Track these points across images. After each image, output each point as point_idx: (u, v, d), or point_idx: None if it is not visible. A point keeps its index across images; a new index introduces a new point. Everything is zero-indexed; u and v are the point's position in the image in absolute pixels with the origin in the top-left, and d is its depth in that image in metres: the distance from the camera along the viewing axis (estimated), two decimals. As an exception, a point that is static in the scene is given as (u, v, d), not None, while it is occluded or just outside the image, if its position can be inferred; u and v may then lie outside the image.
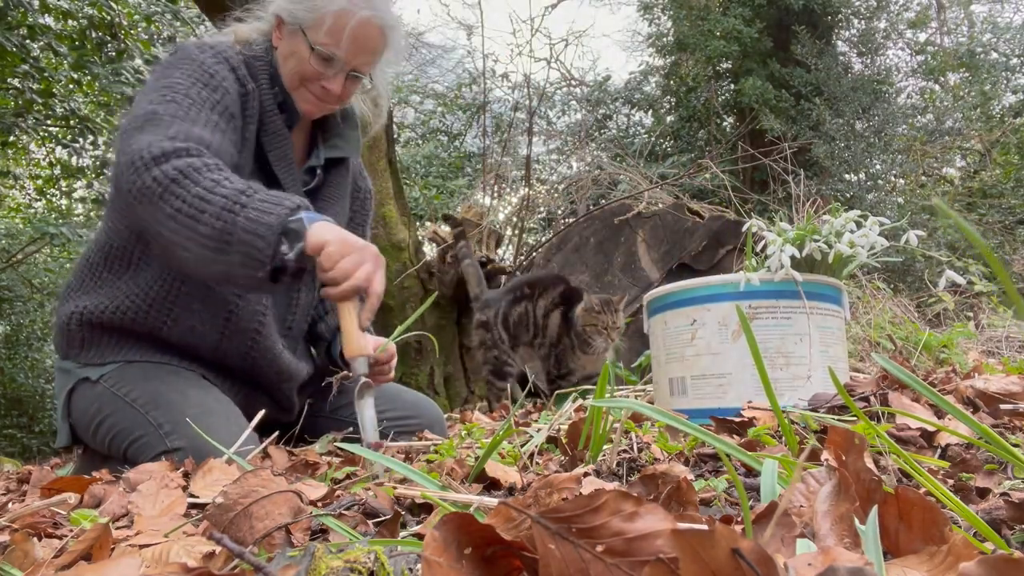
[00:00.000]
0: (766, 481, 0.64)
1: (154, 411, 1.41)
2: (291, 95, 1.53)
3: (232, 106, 1.40)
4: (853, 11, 7.80)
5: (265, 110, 1.50)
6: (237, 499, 0.67)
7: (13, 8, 5.00)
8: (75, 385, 1.53)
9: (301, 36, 1.48)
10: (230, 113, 1.40)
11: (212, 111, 1.36)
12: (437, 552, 0.48)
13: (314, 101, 1.53)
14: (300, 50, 1.49)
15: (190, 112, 1.32)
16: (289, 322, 1.64)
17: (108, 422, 1.46)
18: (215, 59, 1.43)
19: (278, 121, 1.51)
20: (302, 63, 1.49)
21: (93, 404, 1.49)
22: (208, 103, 1.36)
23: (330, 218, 1.27)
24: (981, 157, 7.42)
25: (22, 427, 8.21)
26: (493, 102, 8.84)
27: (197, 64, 1.40)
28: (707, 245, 3.26)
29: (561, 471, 0.98)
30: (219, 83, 1.40)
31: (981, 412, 1.11)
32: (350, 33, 1.45)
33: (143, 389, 1.44)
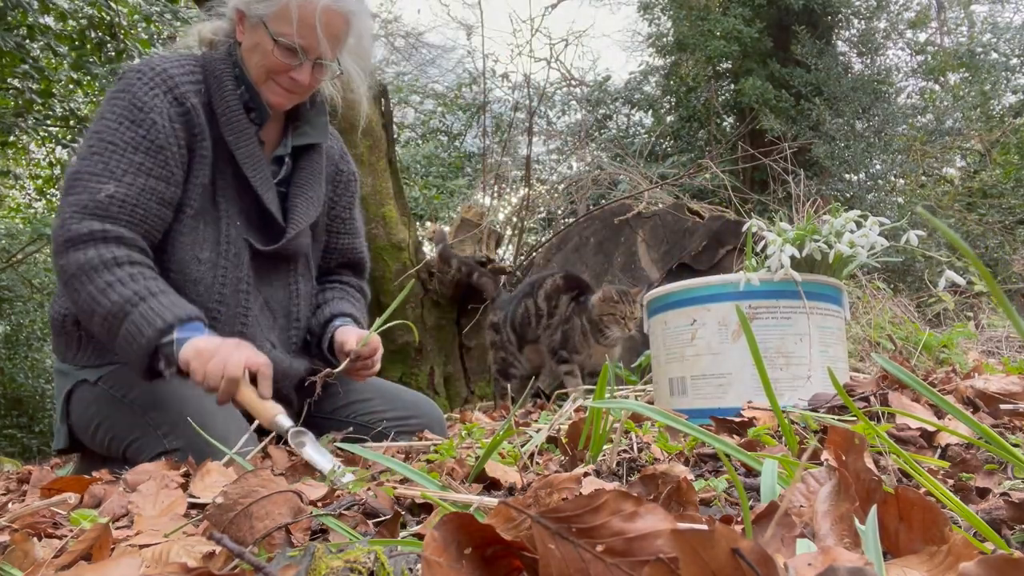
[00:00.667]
0: (766, 481, 0.64)
1: (151, 412, 1.41)
2: (259, 90, 1.53)
3: (161, 137, 1.43)
4: (853, 11, 7.80)
5: (229, 110, 1.51)
6: (237, 499, 0.67)
7: (12, 8, 5.00)
8: (73, 387, 1.53)
9: (263, 29, 1.48)
10: (157, 146, 1.43)
11: (135, 151, 1.41)
12: (437, 552, 0.48)
13: (283, 93, 1.54)
14: (263, 43, 1.49)
15: (109, 163, 1.40)
16: (295, 313, 1.66)
17: (106, 423, 1.46)
18: (148, 86, 1.45)
19: (242, 121, 1.52)
20: (267, 56, 1.49)
21: (91, 406, 1.49)
22: (132, 144, 1.41)
23: (202, 333, 1.34)
24: (981, 157, 7.42)
25: (22, 427, 8.20)
26: (493, 102, 8.84)
27: (128, 99, 1.44)
28: (707, 245, 3.26)
29: (561, 471, 0.98)
30: (147, 115, 1.43)
31: (981, 412, 1.11)
32: (312, 22, 1.46)
33: (141, 390, 1.44)
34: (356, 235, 1.84)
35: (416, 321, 3.31)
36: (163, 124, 1.44)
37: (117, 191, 1.38)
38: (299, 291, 1.67)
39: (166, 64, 1.50)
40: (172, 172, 1.45)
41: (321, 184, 1.70)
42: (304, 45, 1.48)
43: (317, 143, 1.67)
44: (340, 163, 1.80)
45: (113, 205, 1.38)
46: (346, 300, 1.77)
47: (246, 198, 1.56)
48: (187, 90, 1.49)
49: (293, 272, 1.67)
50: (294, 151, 1.65)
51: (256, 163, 1.55)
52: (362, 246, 1.86)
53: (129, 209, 1.40)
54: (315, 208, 1.67)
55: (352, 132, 3.26)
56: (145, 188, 1.41)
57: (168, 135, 1.44)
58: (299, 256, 1.67)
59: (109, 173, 1.39)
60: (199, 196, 1.50)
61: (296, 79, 1.51)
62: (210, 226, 1.52)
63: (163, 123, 1.44)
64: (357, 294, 1.84)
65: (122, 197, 1.39)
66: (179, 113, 1.46)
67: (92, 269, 1.34)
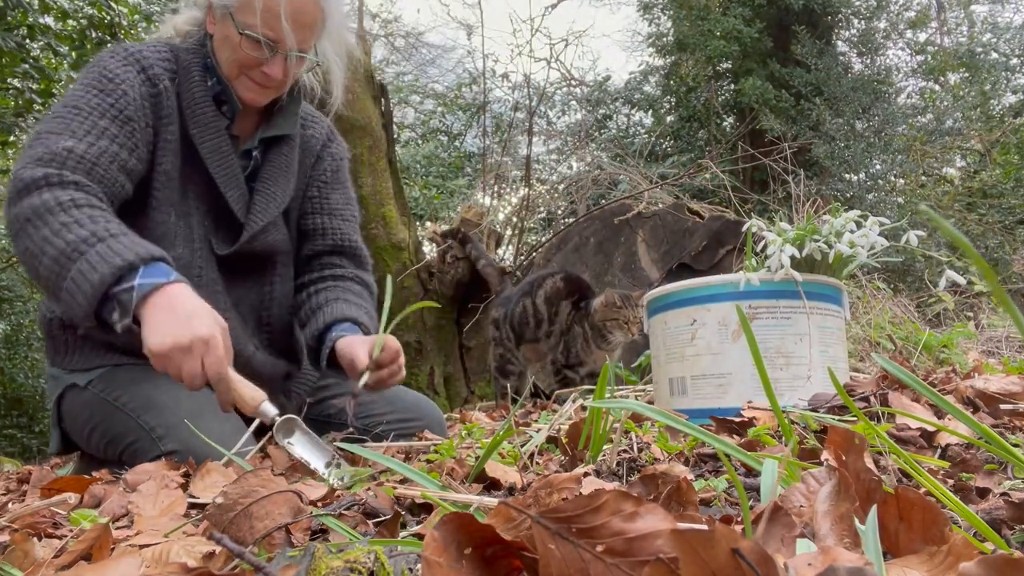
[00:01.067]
0: (766, 481, 0.64)
1: (145, 415, 1.37)
2: (232, 85, 1.46)
3: (130, 108, 1.36)
4: (853, 11, 7.80)
5: (195, 103, 1.45)
6: (237, 499, 0.67)
7: (13, 8, 5.00)
8: (64, 391, 1.51)
9: (230, 20, 1.41)
10: (125, 116, 1.36)
11: (102, 117, 1.34)
12: (437, 552, 0.48)
13: (256, 89, 1.46)
14: (231, 36, 1.42)
15: (71, 123, 1.31)
16: (266, 318, 1.60)
17: (101, 428, 1.44)
18: (121, 62, 1.40)
19: (208, 113, 1.45)
20: (235, 50, 1.42)
21: (84, 411, 1.47)
22: (98, 110, 1.34)
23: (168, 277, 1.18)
24: (981, 157, 7.42)
25: (22, 427, 8.20)
26: (493, 102, 8.84)
27: (99, 70, 1.38)
28: (707, 245, 3.26)
29: (561, 471, 0.98)
30: (117, 86, 1.36)
31: (981, 412, 1.11)
32: (277, 11, 1.37)
33: (132, 393, 1.41)
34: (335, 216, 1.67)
35: (416, 321, 3.31)
36: (133, 96, 1.37)
37: (76, 147, 1.29)
38: (273, 293, 1.60)
39: (140, 47, 1.45)
40: (136, 145, 1.37)
41: (289, 178, 1.60)
42: (272, 37, 1.40)
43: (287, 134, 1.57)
44: (322, 150, 1.69)
45: (71, 158, 1.28)
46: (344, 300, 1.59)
47: (214, 195, 1.49)
48: (160, 72, 1.43)
49: (270, 272, 1.59)
50: (265, 143, 1.57)
51: (222, 158, 1.47)
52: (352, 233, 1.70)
53: (87, 166, 1.29)
54: (277, 205, 1.56)
55: (352, 132, 3.26)
56: (106, 151, 1.32)
57: (137, 108, 1.37)
58: (275, 255, 1.59)
59: (70, 132, 1.31)
60: (163, 185, 1.43)
61: (268, 74, 1.43)
62: (182, 221, 1.46)
63: (133, 95, 1.37)
64: (356, 286, 1.67)
65: (81, 152, 1.29)
66: (150, 93, 1.41)
67: (47, 211, 1.21)
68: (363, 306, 1.60)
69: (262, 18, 1.37)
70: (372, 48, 6.63)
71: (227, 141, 1.49)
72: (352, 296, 1.62)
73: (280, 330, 1.63)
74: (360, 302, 1.61)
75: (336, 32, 1.51)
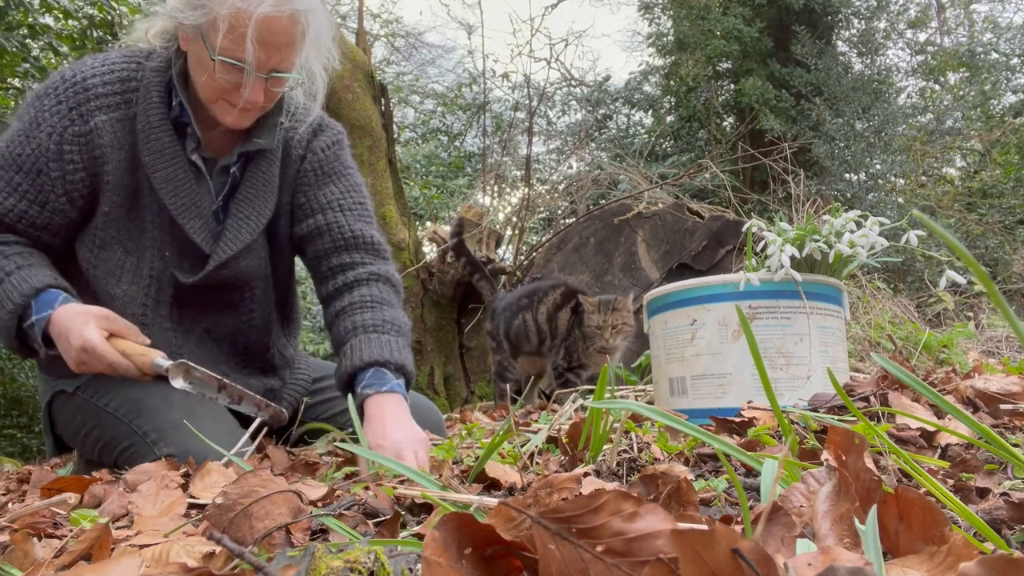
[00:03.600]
0: (766, 481, 0.64)
1: (137, 419, 1.35)
2: (211, 109, 1.36)
3: (41, 160, 1.33)
4: (853, 11, 7.79)
5: (149, 128, 1.35)
6: (237, 499, 0.67)
7: (14, 8, 5.00)
8: (52, 397, 1.49)
9: (201, 42, 1.28)
10: (36, 169, 1.34)
11: (18, 171, 1.34)
12: (437, 552, 0.48)
13: (236, 112, 1.34)
14: (204, 59, 1.30)
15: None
16: (242, 343, 1.56)
17: (94, 434, 1.42)
18: (54, 100, 1.35)
19: (164, 139, 1.36)
20: (211, 75, 1.30)
21: (75, 416, 1.45)
22: (16, 162, 1.35)
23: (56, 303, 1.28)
24: (981, 157, 7.42)
25: (22, 427, 8.19)
26: (493, 102, 8.84)
27: (34, 111, 1.35)
28: (707, 245, 3.26)
29: (561, 471, 0.98)
30: (38, 133, 1.34)
31: (981, 412, 1.11)
32: (253, 35, 1.23)
33: (123, 397, 1.38)
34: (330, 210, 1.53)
35: (416, 321, 3.31)
36: (48, 146, 1.33)
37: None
38: (252, 322, 1.53)
39: (90, 72, 1.36)
40: (47, 199, 1.35)
41: (268, 196, 1.48)
42: (248, 60, 1.26)
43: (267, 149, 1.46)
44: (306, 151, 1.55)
45: None
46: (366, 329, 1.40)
47: (176, 224, 1.40)
48: (98, 105, 1.34)
49: (248, 300, 1.51)
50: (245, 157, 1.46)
51: (176, 188, 1.37)
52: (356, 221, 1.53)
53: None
54: (250, 231, 1.45)
55: (352, 132, 3.26)
56: (13, 209, 1.35)
57: (49, 159, 1.33)
58: (251, 281, 1.50)
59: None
60: (106, 225, 1.38)
61: (248, 99, 1.30)
62: (132, 255, 1.40)
63: (48, 145, 1.33)
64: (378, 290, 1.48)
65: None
66: (76, 133, 1.34)
67: None
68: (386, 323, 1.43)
69: (233, 41, 1.24)
70: (372, 48, 6.62)
71: (184, 168, 1.39)
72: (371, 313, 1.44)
73: (257, 352, 1.58)
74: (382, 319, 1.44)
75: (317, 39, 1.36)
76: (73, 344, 1.23)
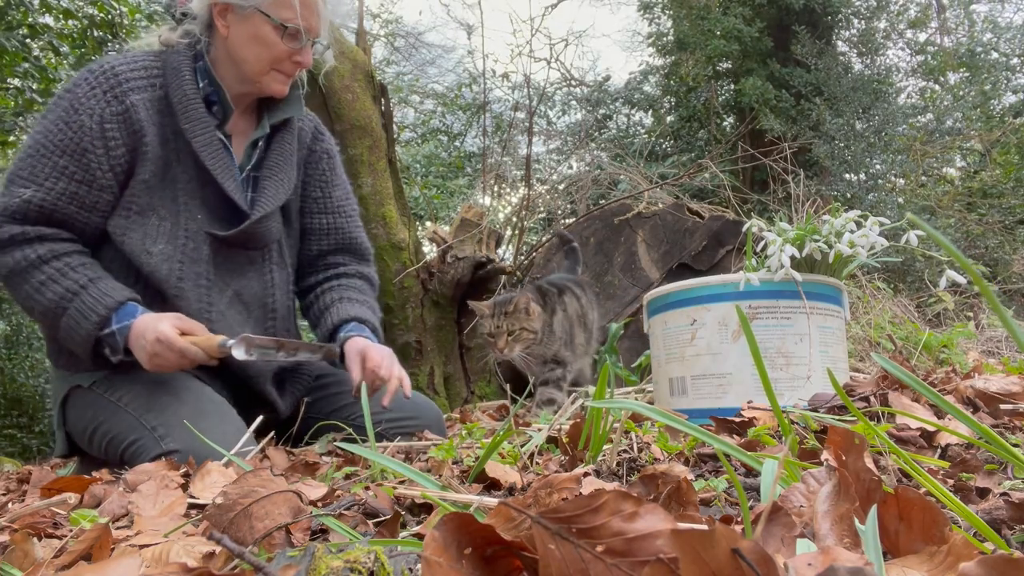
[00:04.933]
0: (766, 481, 0.64)
1: (147, 414, 1.41)
2: (258, 81, 1.53)
3: (86, 139, 1.44)
4: (853, 11, 7.79)
5: (186, 99, 1.50)
6: (237, 499, 0.67)
7: (14, 7, 5.00)
8: (68, 392, 1.53)
9: (260, 18, 1.48)
10: (82, 148, 1.44)
11: (62, 155, 1.44)
12: (437, 552, 0.48)
13: (284, 80, 1.56)
14: (263, 33, 1.49)
15: (36, 166, 1.44)
16: (271, 304, 1.65)
17: (103, 428, 1.46)
18: (90, 85, 1.46)
19: (200, 110, 1.51)
20: (272, 46, 1.50)
21: (87, 410, 1.49)
22: (59, 147, 1.44)
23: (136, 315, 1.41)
24: (981, 157, 7.42)
25: (22, 427, 8.19)
26: (493, 102, 8.84)
27: (69, 99, 1.46)
28: (707, 245, 3.26)
29: (561, 471, 0.98)
30: (78, 117, 1.44)
31: (981, 412, 1.11)
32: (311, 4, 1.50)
33: (135, 393, 1.44)
34: (339, 214, 1.77)
35: (416, 321, 3.31)
36: (91, 126, 1.44)
37: (35, 196, 1.43)
38: (274, 280, 1.66)
39: (116, 62, 1.50)
40: (95, 177, 1.46)
41: (292, 165, 1.67)
42: (306, 27, 1.50)
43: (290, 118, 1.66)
44: (313, 144, 1.76)
45: (31, 210, 1.43)
46: (349, 300, 1.70)
47: (209, 188, 1.54)
48: (130, 87, 1.48)
49: (267, 261, 1.66)
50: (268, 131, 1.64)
51: (215, 151, 1.53)
52: (354, 228, 1.81)
53: (47, 214, 1.44)
54: (284, 190, 1.63)
55: (352, 132, 3.26)
56: (65, 192, 1.44)
57: (95, 136, 1.44)
58: (270, 243, 1.65)
59: (33, 178, 1.43)
60: (145, 192, 1.49)
61: (300, 62, 1.53)
62: (166, 221, 1.51)
63: (91, 124, 1.44)
64: (361, 283, 1.78)
65: (39, 202, 1.43)
66: (115, 113, 1.46)
67: (22, 271, 1.42)
68: (367, 302, 1.75)
69: (296, 11, 1.48)
70: (372, 48, 6.62)
71: (216, 137, 1.54)
72: (356, 293, 1.75)
73: (283, 316, 1.69)
74: (364, 298, 1.75)
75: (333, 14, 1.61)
76: (148, 339, 1.37)
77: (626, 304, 3.23)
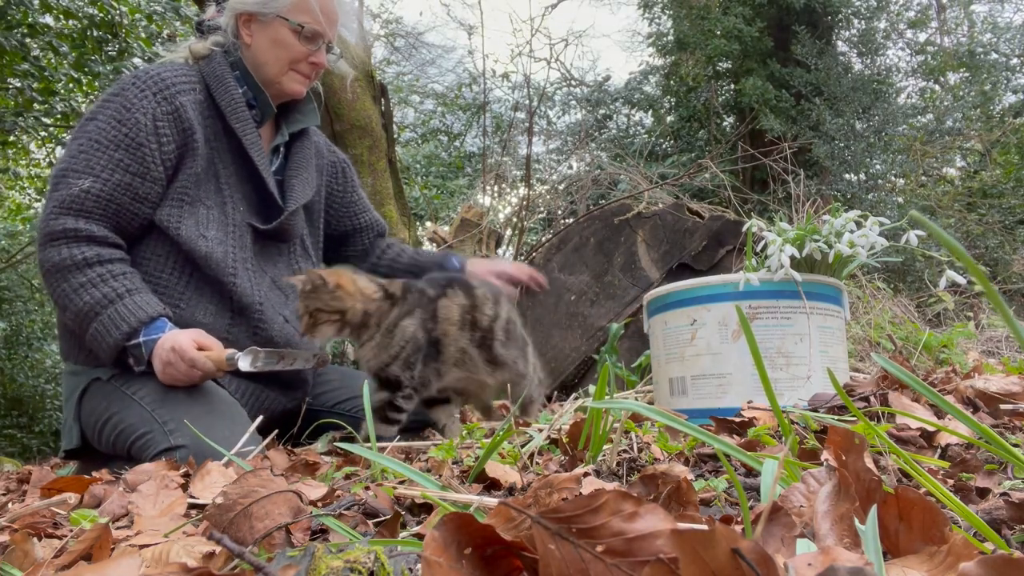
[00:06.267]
0: (766, 481, 0.64)
1: (160, 409, 1.46)
2: (278, 82, 1.69)
3: (141, 135, 1.54)
4: (853, 11, 7.78)
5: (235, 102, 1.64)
6: (237, 499, 0.67)
7: (14, 6, 5.00)
8: (87, 385, 1.58)
9: (280, 23, 1.65)
10: (137, 143, 1.54)
11: (117, 148, 1.53)
12: (437, 552, 0.48)
13: (302, 80, 1.71)
14: (282, 36, 1.66)
15: (91, 159, 1.52)
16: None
17: (115, 419, 1.50)
18: (139, 88, 1.57)
19: (246, 112, 1.65)
20: (290, 48, 1.66)
21: (102, 402, 1.54)
22: (114, 142, 1.53)
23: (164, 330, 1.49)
24: (981, 157, 7.42)
25: (22, 427, 8.19)
26: (493, 102, 8.83)
27: (120, 100, 1.56)
28: (707, 245, 3.26)
29: (561, 471, 0.98)
30: (132, 115, 1.54)
31: (981, 412, 1.11)
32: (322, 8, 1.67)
33: (151, 387, 1.49)
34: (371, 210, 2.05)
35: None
36: (145, 123, 1.54)
37: (93, 186, 1.50)
38: (301, 270, 1.78)
39: (159, 68, 1.62)
40: (149, 169, 1.55)
41: (313, 168, 1.84)
42: (320, 31, 1.68)
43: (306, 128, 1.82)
44: (328, 155, 1.94)
45: (88, 200, 1.50)
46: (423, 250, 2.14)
47: (247, 184, 1.69)
48: (178, 90, 1.59)
49: (293, 254, 1.81)
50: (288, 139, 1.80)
51: (258, 150, 1.67)
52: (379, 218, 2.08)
53: (103, 204, 1.51)
54: (310, 188, 1.80)
55: (352, 132, 3.26)
56: (120, 184, 1.52)
57: (148, 133, 1.54)
58: (296, 238, 1.80)
59: (89, 170, 1.51)
60: (194, 184, 1.61)
61: (316, 63, 1.70)
62: (214, 210, 1.63)
63: (146, 122, 1.54)
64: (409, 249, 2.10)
65: (97, 192, 1.50)
66: (166, 112, 1.57)
67: (65, 269, 1.48)
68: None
69: (313, 16, 1.66)
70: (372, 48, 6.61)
71: (259, 137, 1.69)
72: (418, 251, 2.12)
73: None
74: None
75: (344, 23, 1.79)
76: (165, 348, 1.45)
77: (626, 304, 3.23)
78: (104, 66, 5.45)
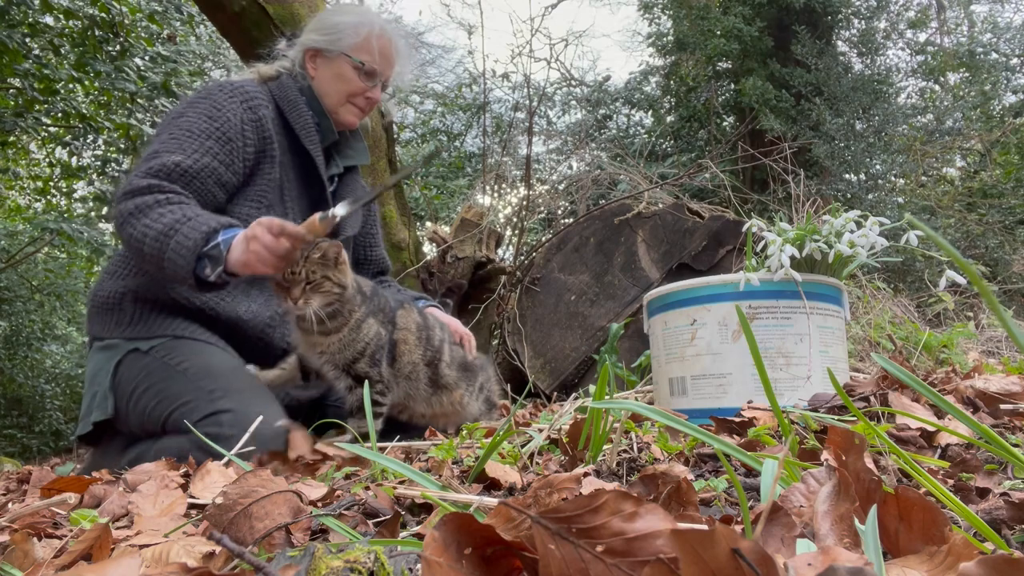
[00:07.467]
0: (766, 481, 0.64)
1: (204, 379, 1.53)
2: (336, 112, 1.84)
3: (232, 131, 1.66)
4: (853, 11, 7.78)
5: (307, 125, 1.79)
6: (237, 499, 0.67)
7: (16, 6, 5.00)
8: (123, 357, 1.63)
9: (344, 59, 1.82)
10: (227, 137, 1.66)
11: (208, 138, 1.64)
12: (437, 552, 0.48)
13: (357, 112, 1.87)
14: (344, 72, 1.83)
15: (183, 143, 1.62)
16: None
17: (154, 388, 1.56)
18: (227, 95, 1.70)
19: (315, 134, 1.80)
20: (350, 82, 1.83)
21: (141, 372, 1.60)
22: (205, 132, 1.64)
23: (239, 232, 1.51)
24: (981, 157, 7.41)
25: (22, 427, 8.19)
26: (493, 102, 8.83)
27: (210, 102, 1.68)
28: (707, 245, 3.26)
29: (561, 471, 0.98)
30: (222, 113, 1.67)
31: (981, 412, 1.11)
32: (388, 51, 1.85)
33: (194, 361, 1.57)
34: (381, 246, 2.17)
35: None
36: (235, 122, 1.68)
37: (184, 161, 1.59)
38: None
39: (241, 81, 1.76)
40: (234, 161, 1.67)
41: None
42: (378, 69, 1.84)
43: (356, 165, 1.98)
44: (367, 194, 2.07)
45: (176, 172, 1.58)
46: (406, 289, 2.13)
47: (305, 201, 1.83)
48: (258, 103, 1.74)
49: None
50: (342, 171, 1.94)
51: (323, 169, 1.83)
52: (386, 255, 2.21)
53: (189, 178, 1.60)
54: (358, 222, 1.97)
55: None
56: (208, 167, 1.62)
57: (237, 131, 1.67)
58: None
59: (181, 149, 1.61)
60: (269, 189, 1.74)
61: (371, 98, 1.86)
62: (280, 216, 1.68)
63: (235, 121, 1.68)
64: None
65: (185, 167, 1.59)
66: (251, 119, 1.71)
67: (147, 207, 1.53)
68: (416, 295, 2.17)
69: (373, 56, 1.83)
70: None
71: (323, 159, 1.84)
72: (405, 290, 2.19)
73: None
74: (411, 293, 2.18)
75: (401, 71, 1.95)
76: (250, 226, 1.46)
77: (626, 304, 3.23)
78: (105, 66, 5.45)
